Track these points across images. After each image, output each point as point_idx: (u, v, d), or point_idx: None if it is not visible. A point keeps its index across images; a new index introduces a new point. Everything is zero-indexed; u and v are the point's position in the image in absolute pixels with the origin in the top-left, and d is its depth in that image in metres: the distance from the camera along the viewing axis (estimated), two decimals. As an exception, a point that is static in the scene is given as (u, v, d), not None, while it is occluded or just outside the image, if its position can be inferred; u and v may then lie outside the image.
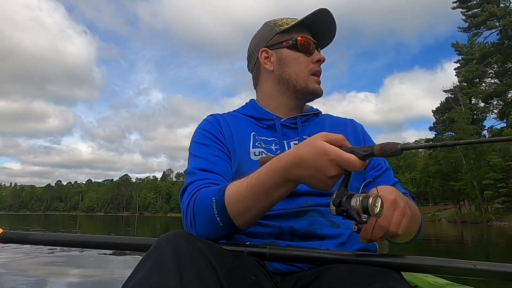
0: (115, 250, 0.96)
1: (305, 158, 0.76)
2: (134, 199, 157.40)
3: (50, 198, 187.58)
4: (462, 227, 29.15)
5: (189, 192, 0.94)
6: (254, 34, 1.25)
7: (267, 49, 1.17)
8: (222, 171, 1.00)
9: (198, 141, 1.09)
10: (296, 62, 1.14)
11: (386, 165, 1.15)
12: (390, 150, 0.69)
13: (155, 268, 0.62)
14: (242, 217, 0.85)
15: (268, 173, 0.82)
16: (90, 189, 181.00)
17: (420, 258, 0.81)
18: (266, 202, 0.84)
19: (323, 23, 1.16)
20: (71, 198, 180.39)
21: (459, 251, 9.19)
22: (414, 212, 0.93)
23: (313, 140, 0.77)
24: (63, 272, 4.94)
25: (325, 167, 0.74)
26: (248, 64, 1.28)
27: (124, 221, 35.84)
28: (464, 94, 44.99)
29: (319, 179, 0.76)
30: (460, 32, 41.64)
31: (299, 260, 0.85)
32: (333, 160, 0.73)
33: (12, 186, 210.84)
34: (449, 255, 2.76)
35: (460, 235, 18.27)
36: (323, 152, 0.74)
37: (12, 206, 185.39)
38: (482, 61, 39.53)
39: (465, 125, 41.56)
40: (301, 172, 0.78)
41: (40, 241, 1.06)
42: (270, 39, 1.17)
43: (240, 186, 0.85)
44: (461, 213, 47.52)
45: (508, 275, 0.76)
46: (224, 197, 0.85)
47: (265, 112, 1.18)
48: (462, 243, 12.97)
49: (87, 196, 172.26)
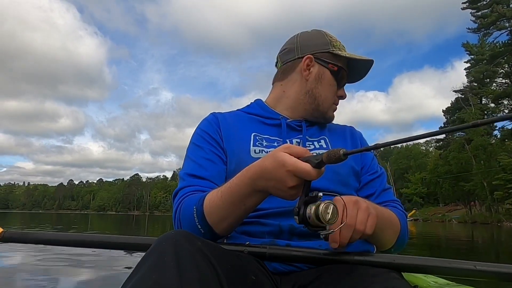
0: (115, 249, 0.97)
1: (268, 170, 0.79)
2: (144, 198, 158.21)
3: (62, 197, 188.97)
4: (472, 228, 28.90)
5: (177, 199, 0.99)
6: (304, 32, 1.25)
7: (313, 58, 1.17)
8: (210, 175, 1.04)
9: (194, 143, 1.13)
10: (329, 88, 1.18)
11: (381, 171, 1.18)
12: (334, 156, 0.72)
13: (155, 267, 0.62)
14: (221, 225, 0.89)
15: (238, 183, 0.85)
16: (101, 188, 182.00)
17: (420, 258, 0.81)
18: (240, 210, 0.88)
19: (361, 69, 1.23)
20: (83, 197, 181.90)
21: (467, 253, 9.16)
22: (388, 218, 0.97)
23: (275, 152, 0.79)
24: (74, 272, 4.96)
25: (284, 178, 0.76)
26: (283, 55, 1.24)
27: (135, 220, 36.15)
28: (475, 95, 44.62)
29: (281, 190, 0.79)
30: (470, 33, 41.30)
31: (299, 260, 0.86)
32: (290, 171, 0.75)
33: (26, 185, 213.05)
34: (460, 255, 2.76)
35: (470, 235, 18.11)
36: (281, 164, 0.76)
37: (25, 205, 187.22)
38: (492, 61, 39.14)
39: (475, 125, 41.13)
40: (265, 183, 0.80)
41: (40, 241, 1.06)
42: (320, 52, 1.17)
43: (216, 196, 0.88)
44: (472, 214, 47.12)
45: (508, 275, 0.76)
46: (203, 206, 0.89)
47: (272, 112, 1.20)
48: (463, 243, 12.95)
49: (98, 195, 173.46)
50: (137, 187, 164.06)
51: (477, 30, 40.48)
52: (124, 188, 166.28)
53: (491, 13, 37.57)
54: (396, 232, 1.01)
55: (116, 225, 23.57)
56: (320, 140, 1.16)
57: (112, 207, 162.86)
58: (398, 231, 1.01)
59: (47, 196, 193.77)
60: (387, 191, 1.15)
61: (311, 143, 1.15)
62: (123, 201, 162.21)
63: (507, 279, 0.76)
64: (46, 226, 18.46)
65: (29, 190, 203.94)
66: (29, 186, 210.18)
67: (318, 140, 1.16)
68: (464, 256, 8.01)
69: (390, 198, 1.14)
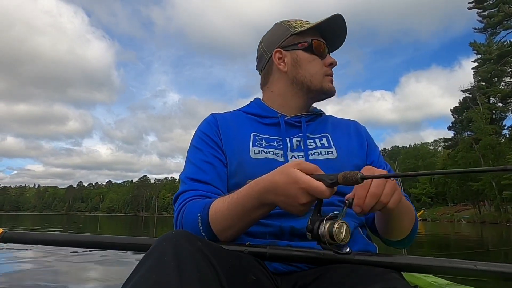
0: (115, 250, 0.97)
1: (278, 185, 0.80)
2: (153, 200, 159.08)
3: (72, 199, 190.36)
4: (481, 227, 28.69)
5: (179, 203, 1.00)
6: (265, 33, 1.25)
7: (281, 50, 1.17)
8: (211, 178, 1.04)
9: (194, 145, 1.13)
10: (311, 64, 1.15)
11: (387, 167, 1.16)
12: (352, 179, 0.73)
13: (155, 268, 0.62)
14: (225, 233, 0.90)
15: (246, 196, 0.86)
16: (110, 190, 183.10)
17: (420, 258, 0.81)
18: (246, 221, 0.89)
19: (336, 29, 1.18)
20: (92, 199, 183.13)
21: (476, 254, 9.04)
22: (408, 207, 0.97)
23: (287, 168, 0.80)
24: (85, 272, 4.93)
25: (297, 195, 0.77)
26: (258, 64, 1.27)
27: (144, 222, 36.35)
28: (482, 94, 44.28)
29: (292, 205, 0.80)
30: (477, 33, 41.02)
31: (299, 260, 0.86)
32: (303, 188, 0.76)
33: (36, 187, 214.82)
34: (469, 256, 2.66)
35: (479, 235, 17.95)
36: (294, 180, 0.77)
37: (36, 206, 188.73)
38: (500, 60, 38.85)
39: (483, 125, 40.99)
40: (275, 198, 0.81)
41: (40, 241, 1.06)
42: (284, 40, 1.17)
43: (222, 206, 0.89)
44: (480, 214, 46.77)
45: (508, 275, 0.76)
46: (208, 215, 0.90)
47: (270, 110, 1.19)
48: (472, 243, 12.89)
49: (107, 197, 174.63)
50: (146, 189, 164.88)
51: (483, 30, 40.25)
52: (133, 189, 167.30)
53: (497, 12, 37.31)
54: (412, 221, 1.02)
55: (125, 227, 23.61)
56: (322, 137, 1.15)
57: (121, 208, 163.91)
58: (413, 221, 1.03)
59: (57, 198, 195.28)
60: None
61: (312, 140, 1.14)
62: (132, 202, 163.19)
63: (507, 278, 0.76)
64: (58, 227, 18.59)
65: (40, 192, 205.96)
66: (39, 189, 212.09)
67: (320, 137, 1.15)
68: (473, 256, 8.00)
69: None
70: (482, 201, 48.26)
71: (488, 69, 41.92)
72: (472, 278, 0.79)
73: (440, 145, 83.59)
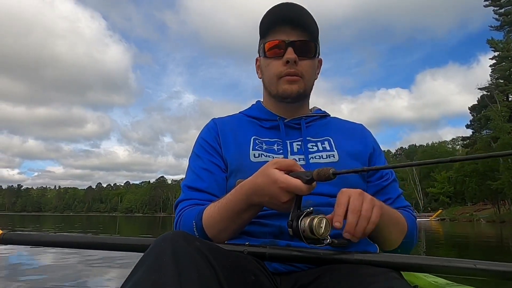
0: (114, 250, 0.98)
1: (261, 187, 0.82)
2: (170, 200, 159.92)
3: (92, 199, 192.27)
4: (501, 227, 28.17)
5: (178, 211, 1.04)
6: None
7: (259, 58, 1.20)
8: (208, 186, 1.07)
9: (195, 152, 1.16)
10: (267, 69, 1.14)
11: (393, 176, 1.16)
12: (324, 175, 0.75)
13: (154, 268, 0.61)
14: (219, 236, 0.93)
15: (234, 199, 0.89)
16: (128, 191, 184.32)
17: (420, 258, 0.81)
18: (237, 223, 0.92)
19: (288, 13, 1.09)
20: (111, 199, 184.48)
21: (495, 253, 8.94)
22: (394, 217, 0.97)
23: (266, 168, 0.82)
24: (100, 273, 4.98)
25: (277, 194, 0.80)
26: None
27: (161, 222, 36.71)
28: (501, 92, 43.51)
29: (275, 204, 0.83)
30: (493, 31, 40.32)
31: (299, 260, 0.85)
32: (282, 188, 0.79)
33: (57, 188, 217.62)
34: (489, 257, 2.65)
35: (499, 235, 17.63)
36: (273, 181, 0.80)
37: (57, 207, 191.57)
38: (517, 58, 38.16)
39: (502, 123, 40.31)
40: (260, 199, 0.84)
41: (40, 242, 1.06)
42: (259, 47, 1.18)
43: (213, 211, 0.92)
44: (500, 213, 45.89)
45: (508, 274, 0.76)
46: (202, 220, 0.93)
47: (269, 113, 1.19)
48: (492, 243, 12.68)
49: (125, 197, 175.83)
50: (163, 189, 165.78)
51: (500, 28, 39.53)
52: (150, 190, 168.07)
53: (513, 10, 36.59)
54: (402, 232, 1.00)
55: (142, 227, 23.80)
56: (323, 141, 1.14)
57: (139, 209, 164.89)
58: (405, 232, 1.01)
59: (77, 199, 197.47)
60: (400, 197, 1.14)
61: (314, 144, 1.13)
62: (150, 203, 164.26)
63: (507, 278, 0.76)
64: (77, 228, 18.87)
65: (60, 193, 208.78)
66: (60, 190, 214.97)
67: (322, 141, 1.14)
68: (492, 256, 7.89)
69: (403, 204, 1.14)
70: (503, 200, 47.31)
71: (506, 67, 41.19)
72: (472, 277, 0.79)
73: (458, 143, 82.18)
